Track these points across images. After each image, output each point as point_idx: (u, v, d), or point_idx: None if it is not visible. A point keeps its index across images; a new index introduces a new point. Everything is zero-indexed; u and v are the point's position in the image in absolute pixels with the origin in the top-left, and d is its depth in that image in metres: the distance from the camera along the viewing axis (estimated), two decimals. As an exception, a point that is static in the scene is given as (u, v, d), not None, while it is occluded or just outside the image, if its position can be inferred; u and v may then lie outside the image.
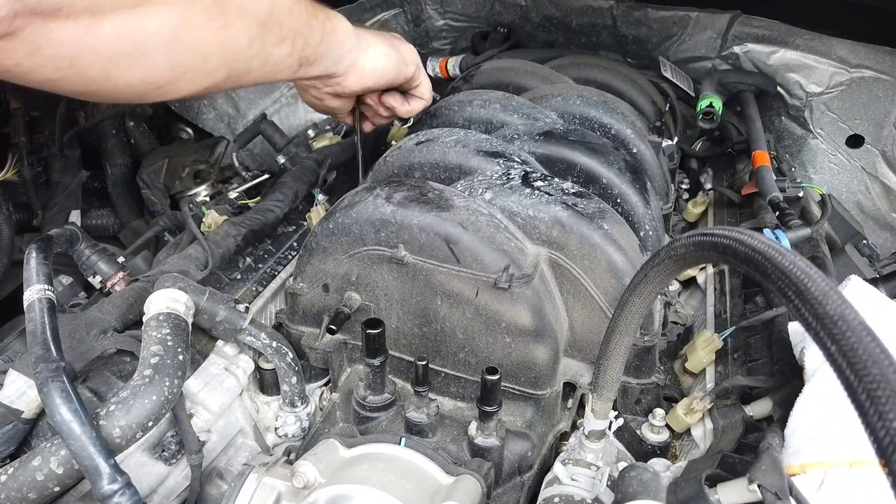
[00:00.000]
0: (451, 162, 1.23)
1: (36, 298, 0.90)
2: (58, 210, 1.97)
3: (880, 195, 1.75)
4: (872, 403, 0.41)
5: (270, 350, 1.13)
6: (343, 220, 1.11)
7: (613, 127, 1.44)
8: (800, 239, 1.29)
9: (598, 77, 1.69)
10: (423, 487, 0.89)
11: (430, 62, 2.08)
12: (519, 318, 1.05)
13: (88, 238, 1.30)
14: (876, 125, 1.69)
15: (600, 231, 1.08)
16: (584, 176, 1.28)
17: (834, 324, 0.46)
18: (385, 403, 1.08)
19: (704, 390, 1.10)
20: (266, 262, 1.40)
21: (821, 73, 1.71)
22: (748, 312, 1.24)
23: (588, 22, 1.99)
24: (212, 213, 1.49)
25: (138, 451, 0.99)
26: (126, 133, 2.14)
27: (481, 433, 1.01)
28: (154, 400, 0.87)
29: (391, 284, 1.11)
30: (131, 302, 1.13)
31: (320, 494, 0.85)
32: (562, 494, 0.91)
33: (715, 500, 0.78)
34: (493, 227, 1.06)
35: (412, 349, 1.15)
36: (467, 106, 1.44)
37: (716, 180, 1.74)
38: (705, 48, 1.88)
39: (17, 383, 0.97)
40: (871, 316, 0.48)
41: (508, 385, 1.09)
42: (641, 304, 0.78)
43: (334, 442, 0.94)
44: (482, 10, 2.15)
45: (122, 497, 0.77)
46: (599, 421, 0.92)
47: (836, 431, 0.79)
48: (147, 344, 0.93)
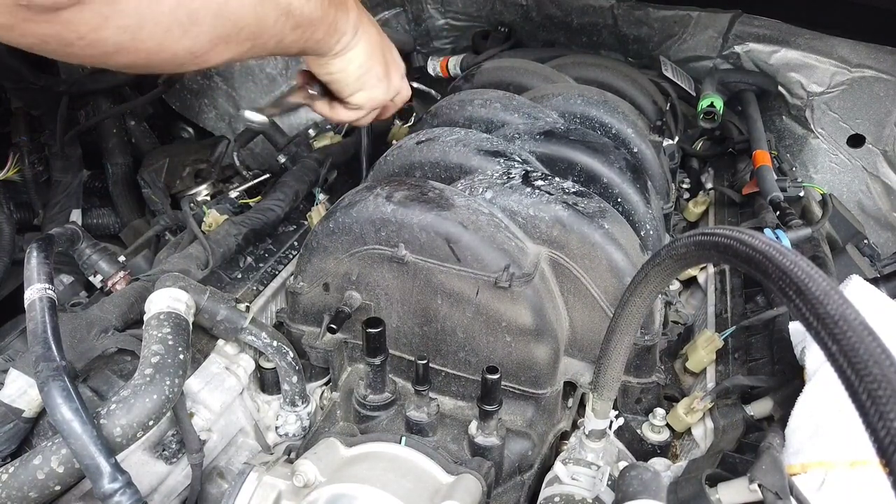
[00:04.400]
0: (452, 161, 1.23)
1: (37, 297, 0.90)
2: (59, 209, 1.97)
3: (881, 195, 1.75)
4: (873, 403, 0.41)
5: (271, 349, 1.13)
6: (343, 220, 1.11)
7: (614, 126, 1.44)
8: (801, 238, 1.29)
9: (598, 76, 1.69)
10: (424, 486, 0.89)
11: (431, 61, 2.08)
12: (519, 318, 1.05)
13: (89, 237, 1.31)
14: (877, 125, 1.69)
15: (601, 230, 1.08)
16: (584, 175, 1.28)
17: (835, 323, 0.46)
18: (385, 402, 1.09)
19: (705, 390, 1.10)
20: (267, 262, 1.40)
21: (822, 72, 1.71)
22: (749, 312, 1.24)
23: (589, 21, 1.98)
24: (212, 212, 1.49)
25: (139, 450, 0.99)
26: (127, 132, 2.14)
27: (482, 432, 1.01)
28: (155, 399, 0.87)
29: (391, 283, 1.11)
30: (132, 301, 1.13)
31: (321, 493, 0.85)
32: (562, 494, 0.91)
33: (715, 499, 0.78)
34: (494, 226, 1.06)
35: (412, 348, 1.15)
36: (468, 105, 1.44)
37: (716, 180, 1.74)
38: (706, 48, 1.88)
39: (18, 382, 0.97)
40: (872, 316, 0.47)
41: (509, 384, 1.09)
42: (642, 303, 0.78)
43: (335, 441, 0.94)
44: (483, 10, 2.15)
45: (122, 496, 0.77)
46: (600, 420, 0.92)
47: (837, 431, 0.79)
48: (148, 343, 0.93)
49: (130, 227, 2.03)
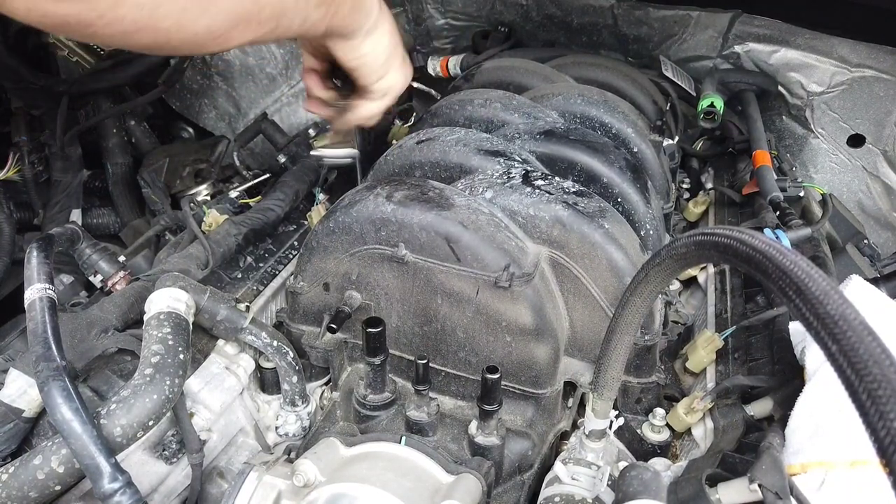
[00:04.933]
0: (452, 161, 1.23)
1: (37, 297, 0.90)
2: (59, 209, 1.97)
3: (881, 195, 1.75)
4: (873, 403, 0.41)
5: (271, 349, 1.13)
6: (344, 219, 1.11)
7: (614, 126, 1.44)
8: (800, 238, 1.29)
9: (598, 76, 1.69)
10: (424, 486, 0.89)
11: (431, 61, 2.08)
12: (519, 317, 1.05)
13: (89, 237, 1.31)
14: (877, 125, 1.69)
15: (601, 230, 1.08)
16: (584, 175, 1.28)
17: (835, 323, 0.46)
18: (385, 402, 1.09)
19: (705, 390, 1.10)
20: (267, 262, 1.40)
21: (822, 72, 1.71)
22: (749, 312, 1.24)
23: (589, 21, 1.98)
24: (213, 212, 1.49)
25: (139, 449, 0.99)
26: (127, 132, 2.14)
27: (482, 432, 1.01)
28: (155, 399, 0.87)
29: (392, 283, 1.11)
30: (132, 301, 1.14)
31: (320, 493, 0.85)
32: (562, 494, 0.91)
33: (715, 499, 0.78)
34: (494, 225, 1.06)
35: (412, 348, 1.15)
36: (468, 105, 1.44)
37: (717, 180, 1.74)
38: (706, 47, 1.87)
39: (18, 382, 0.97)
40: (872, 316, 0.47)
41: (509, 384, 1.09)
42: (642, 303, 0.78)
43: (334, 440, 0.94)
44: (483, 10, 2.15)
45: (122, 496, 0.77)
46: (600, 420, 0.92)
47: (837, 431, 0.79)
48: (148, 343, 0.93)
49: (130, 226, 2.03)
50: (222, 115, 2.31)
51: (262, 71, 2.24)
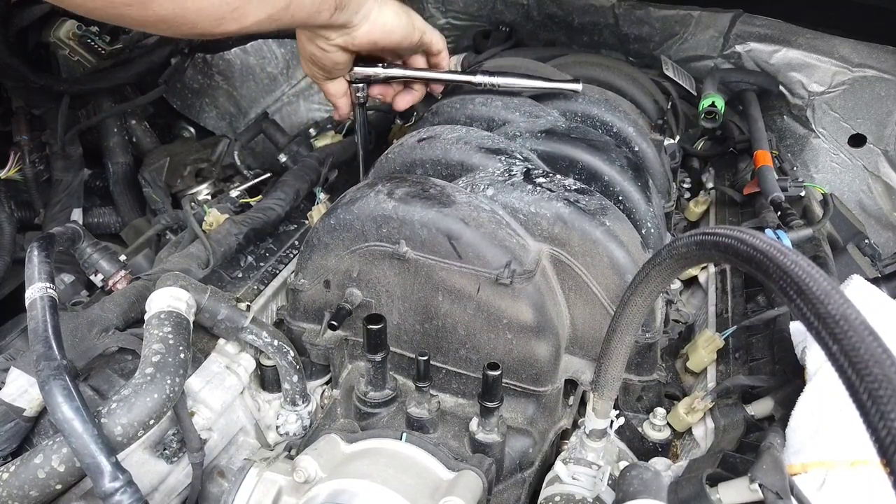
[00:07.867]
0: (453, 159, 1.23)
1: (38, 296, 0.90)
2: (59, 208, 1.97)
3: (882, 194, 1.75)
4: (874, 403, 0.41)
5: (272, 349, 1.13)
6: (345, 216, 1.11)
7: (615, 125, 1.43)
8: (801, 238, 1.29)
9: (599, 75, 1.69)
10: (424, 482, 0.89)
11: (432, 60, 2.08)
12: (520, 315, 1.05)
13: (90, 236, 1.31)
14: (878, 124, 1.69)
15: (602, 227, 1.08)
16: (585, 173, 1.28)
17: (836, 323, 0.46)
18: (386, 399, 1.09)
19: (706, 389, 1.10)
20: (267, 261, 1.40)
21: (823, 72, 1.71)
22: (750, 312, 1.24)
23: (590, 20, 1.98)
24: (213, 211, 1.49)
25: (140, 449, 0.99)
26: (128, 131, 2.14)
27: (482, 429, 1.01)
28: (155, 398, 0.87)
29: (392, 280, 1.11)
30: (133, 300, 1.14)
31: (321, 489, 0.85)
32: (563, 493, 0.91)
33: (716, 499, 0.78)
34: (495, 223, 1.06)
35: (413, 345, 1.15)
36: (469, 103, 1.44)
37: (717, 179, 1.74)
38: (707, 47, 1.87)
39: (18, 381, 0.97)
40: (873, 315, 0.47)
41: (510, 382, 1.09)
42: (643, 303, 0.78)
43: (335, 437, 0.94)
44: (484, 9, 2.15)
45: (123, 495, 0.77)
46: (601, 420, 0.92)
47: (838, 431, 0.79)
48: (148, 342, 0.93)
49: (131, 226, 2.04)
50: (223, 115, 2.32)
51: (262, 70, 2.24)
